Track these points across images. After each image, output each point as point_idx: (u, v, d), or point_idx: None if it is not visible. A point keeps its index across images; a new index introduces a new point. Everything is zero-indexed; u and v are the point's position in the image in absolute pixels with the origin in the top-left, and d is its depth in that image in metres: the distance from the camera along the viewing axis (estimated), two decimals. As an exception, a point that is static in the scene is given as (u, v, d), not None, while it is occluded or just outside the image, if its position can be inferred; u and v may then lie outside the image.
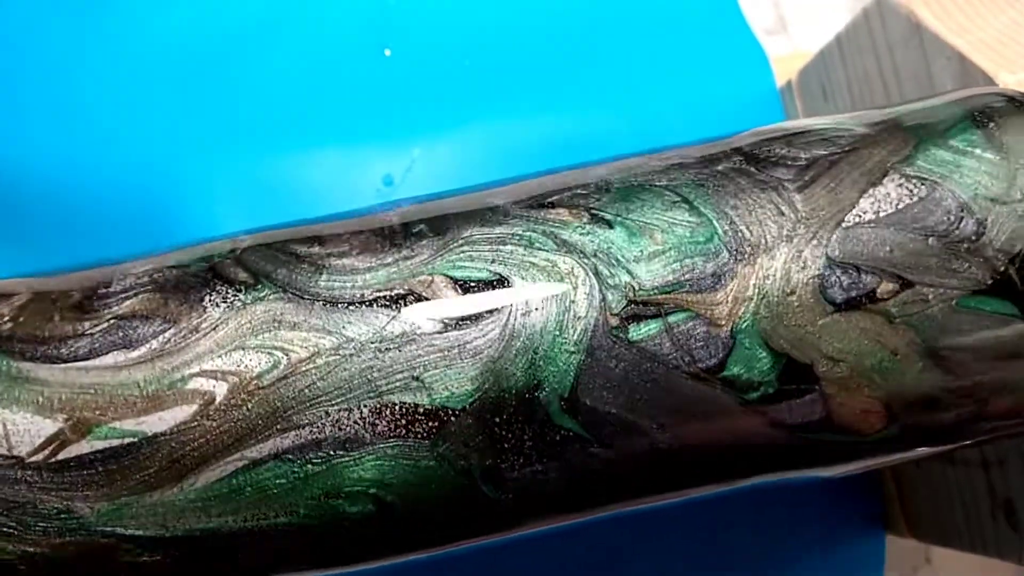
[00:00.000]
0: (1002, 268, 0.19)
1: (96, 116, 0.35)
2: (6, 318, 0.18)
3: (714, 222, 0.19)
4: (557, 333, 0.18)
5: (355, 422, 0.18)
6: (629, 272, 0.19)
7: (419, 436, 0.18)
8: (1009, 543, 0.29)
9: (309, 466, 0.18)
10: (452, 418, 0.18)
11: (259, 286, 0.18)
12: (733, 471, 0.20)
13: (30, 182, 0.34)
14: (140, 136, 0.35)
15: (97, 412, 0.17)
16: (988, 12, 0.28)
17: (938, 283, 0.19)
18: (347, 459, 0.18)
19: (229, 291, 0.18)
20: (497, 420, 0.18)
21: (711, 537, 0.36)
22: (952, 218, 0.19)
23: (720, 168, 0.20)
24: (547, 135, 0.37)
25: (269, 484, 0.18)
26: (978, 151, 0.20)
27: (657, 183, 0.20)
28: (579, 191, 0.20)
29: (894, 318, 0.19)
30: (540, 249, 0.19)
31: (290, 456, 0.18)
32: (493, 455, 0.18)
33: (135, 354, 0.18)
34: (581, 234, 0.19)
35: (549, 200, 0.19)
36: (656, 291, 0.18)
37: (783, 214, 0.19)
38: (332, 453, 0.18)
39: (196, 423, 0.17)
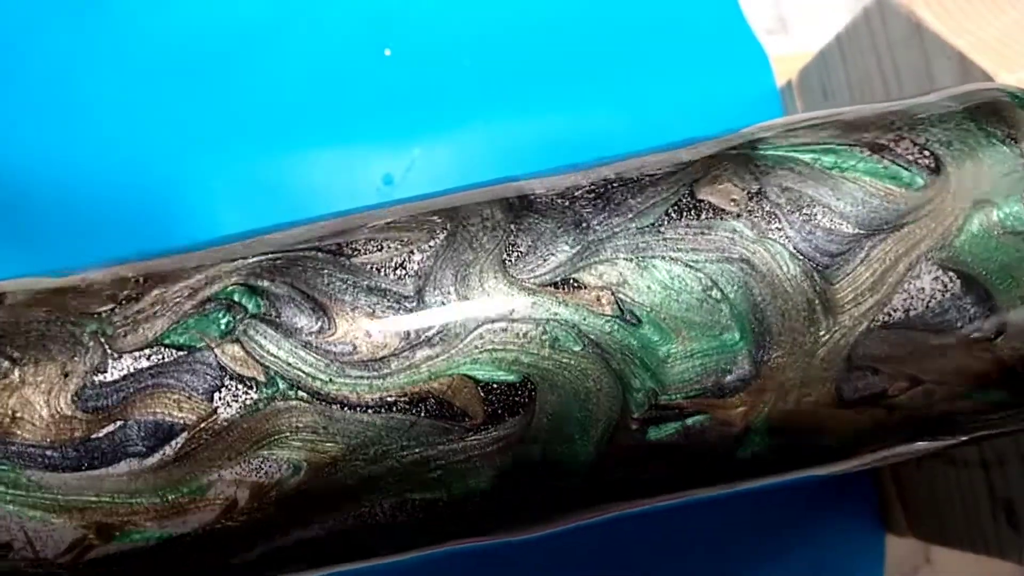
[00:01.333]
0: (1010, 365, 0.19)
1: (96, 115, 0.35)
2: (1, 413, 0.17)
3: (744, 322, 0.18)
4: (578, 435, 0.18)
5: (376, 515, 0.18)
6: (655, 377, 0.18)
7: (439, 519, 0.18)
8: (1009, 543, 0.29)
9: None
10: (471, 505, 0.18)
11: (270, 385, 0.18)
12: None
13: (29, 181, 0.34)
14: (140, 135, 0.35)
15: (118, 519, 0.17)
16: (989, 12, 0.28)
17: (948, 381, 0.19)
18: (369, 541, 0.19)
19: (240, 389, 0.17)
20: (514, 502, 0.19)
21: (711, 537, 0.36)
22: (978, 319, 0.18)
23: (752, 237, 0.18)
24: (547, 135, 0.37)
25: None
26: (1020, 237, 0.18)
27: (687, 257, 0.18)
28: (605, 264, 0.18)
29: (897, 410, 0.19)
30: (565, 349, 0.18)
31: (314, 543, 0.18)
32: (507, 525, 0.19)
33: (149, 462, 0.17)
34: (607, 330, 0.18)
35: (574, 277, 0.18)
36: (679, 396, 0.18)
37: (814, 311, 0.18)
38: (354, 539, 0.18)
39: (220, 524, 0.17)
